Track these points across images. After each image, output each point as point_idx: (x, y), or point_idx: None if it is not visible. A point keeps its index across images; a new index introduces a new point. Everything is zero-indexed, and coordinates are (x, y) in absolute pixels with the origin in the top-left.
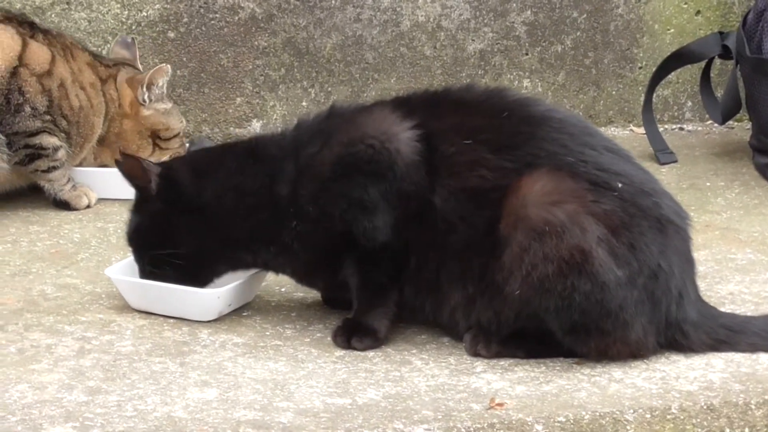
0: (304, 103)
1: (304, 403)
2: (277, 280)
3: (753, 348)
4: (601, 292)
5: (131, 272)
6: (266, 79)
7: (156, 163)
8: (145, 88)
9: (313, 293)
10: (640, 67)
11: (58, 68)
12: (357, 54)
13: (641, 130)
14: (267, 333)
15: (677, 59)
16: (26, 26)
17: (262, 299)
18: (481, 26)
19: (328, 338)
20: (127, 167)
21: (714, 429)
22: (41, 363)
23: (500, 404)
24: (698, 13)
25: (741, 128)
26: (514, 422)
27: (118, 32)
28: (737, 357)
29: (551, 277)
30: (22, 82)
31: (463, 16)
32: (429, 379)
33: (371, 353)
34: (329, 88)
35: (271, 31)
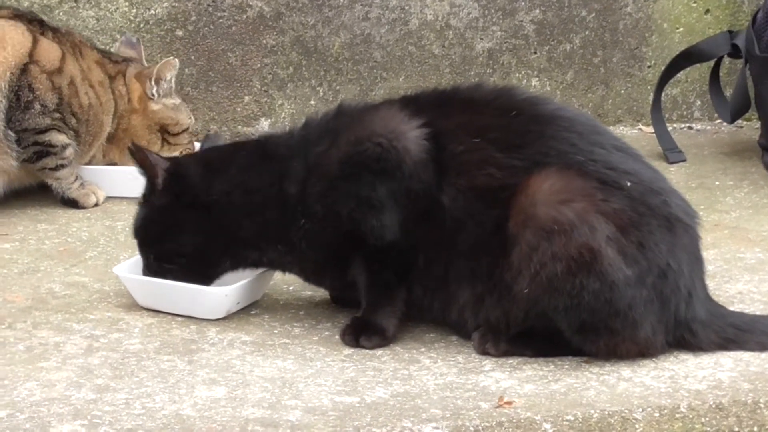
0: (312, 102)
1: (312, 401)
2: (285, 279)
3: (762, 347)
4: (610, 291)
5: (139, 270)
6: (274, 78)
7: (165, 158)
8: (153, 82)
9: (321, 292)
10: (649, 66)
11: (68, 66)
12: (365, 52)
13: (650, 129)
14: (275, 331)
15: (686, 58)
16: (36, 24)
17: (270, 297)
18: (490, 25)
19: (337, 337)
20: (137, 158)
21: (723, 428)
22: (49, 361)
23: (509, 403)
24: (707, 11)
25: (750, 127)
26: (522, 421)
27: (126, 30)
28: (746, 356)
29: (560, 276)
30: (32, 79)
31: (471, 15)
32: (437, 378)
33: (379, 352)
34: (337, 87)
35: (280, 29)
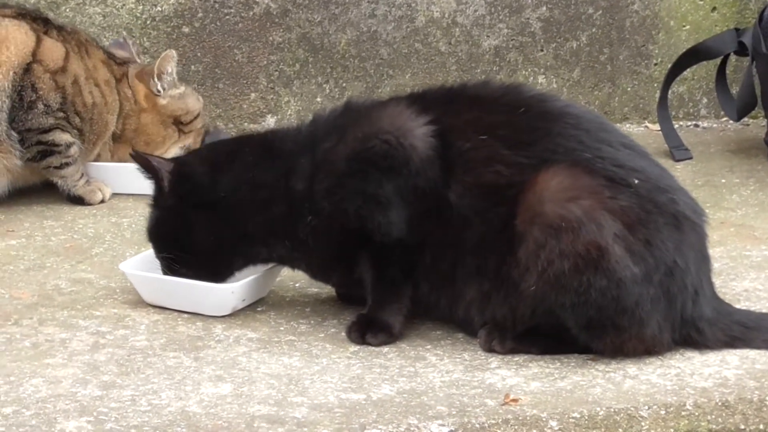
0: (318, 99)
1: (318, 398)
2: (292, 276)
3: None
4: (617, 289)
5: (145, 267)
6: (281, 75)
7: (169, 159)
8: (156, 78)
9: (328, 288)
10: (656, 64)
11: (72, 65)
12: (372, 50)
13: (656, 126)
14: (281, 328)
15: (693, 56)
16: (40, 22)
17: (276, 294)
18: (496, 22)
19: (343, 334)
20: (140, 163)
21: (728, 426)
22: (55, 357)
23: (515, 400)
24: (714, 9)
25: (756, 125)
26: (528, 418)
27: (133, 27)
28: (752, 354)
29: (567, 274)
30: (35, 78)
31: (478, 12)
32: (443, 375)
33: (386, 349)
34: (344, 84)
35: (286, 26)
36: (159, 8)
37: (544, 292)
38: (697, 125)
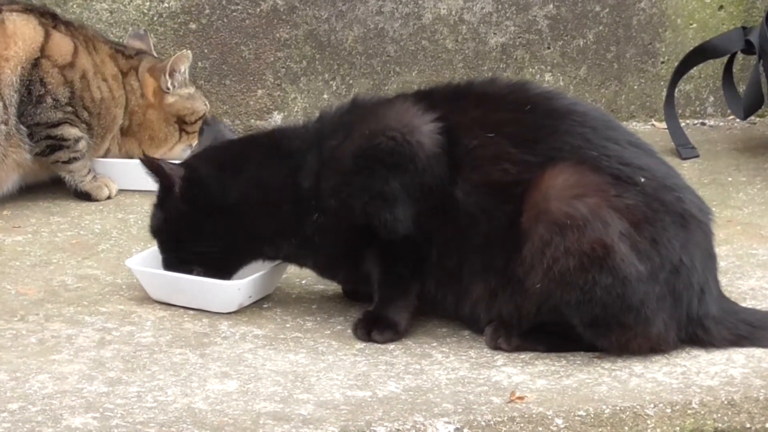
0: (325, 96)
1: (324, 395)
2: (298, 273)
3: None
4: (622, 287)
5: (152, 263)
6: (288, 72)
7: (178, 164)
8: (167, 76)
9: (334, 286)
10: (663, 62)
11: (80, 60)
12: (379, 47)
13: (663, 125)
14: (287, 325)
15: (700, 54)
16: (49, 17)
17: (282, 291)
18: (503, 20)
19: (349, 331)
20: (150, 169)
21: (734, 424)
22: (62, 353)
23: (521, 398)
24: (721, 8)
25: (763, 123)
26: (534, 416)
27: (140, 23)
28: (758, 352)
29: (572, 271)
30: (43, 73)
31: (485, 10)
32: (449, 372)
33: (391, 346)
34: (351, 81)
35: (293, 23)
36: (166, 4)
37: (550, 289)
38: (703, 123)
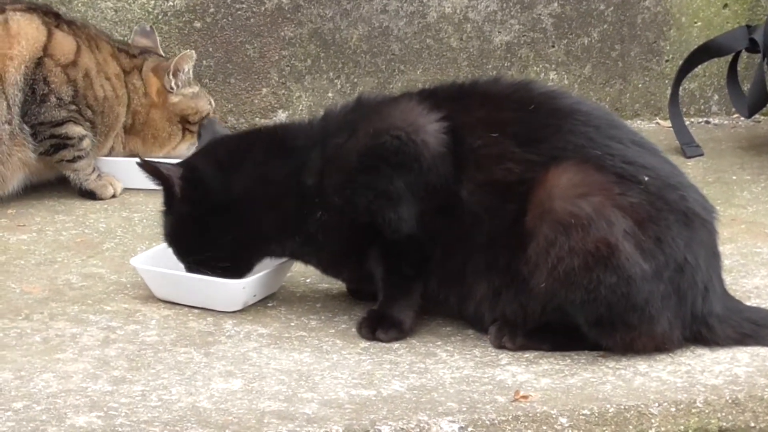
0: (329, 94)
1: (328, 394)
2: (302, 271)
3: None
4: (627, 286)
5: (156, 262)
6: (292, 70)
7: (176, 164)
8: (171, 75)
9: (338, 284)
10: (667, 60)
11: (83, 58)
12: (383, 45)
13: (667, 123)
14: (292, 324)
15: (704, 52)
16: (51, 16)
17: (287, 290)
18: (508, 18)
19: (353, 329)
20: (148, 172)
21: (739, 423)
22: (66, 352)
23: (525, 397)
24: (725, 6)
25: (767, 122)
26: (538, 415)
27: (145, 22)
28: (762, 351)
29: (577, 271)
30: (47, 72)
31: (489, 8)
32: (454, 371)
33: (396, 345)
34: (355, 80)
35: (298, 21)
36: (171, 3)
37: (554, 289)
38: (708, 122)
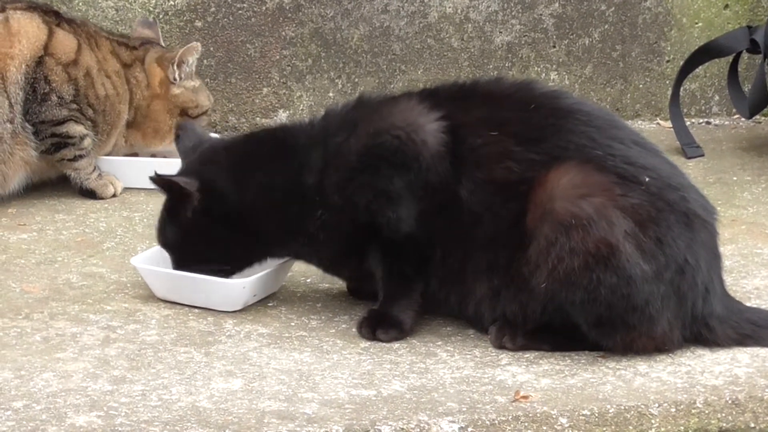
0: (330, 94)
1: (328, 394)
2: (303, 271)
3: None
4: (627, 287)
5: (157, 262)
6: (293, 70)
7: (190, 176)
8: (175, 66)
9: (339, 284)
10: (668, 61)
11: (84, 57)
12: (384, 45)
13: (668, 123)
14: (292, 324)
15: (705, 53)
16: (51, 15)
17: (287, 290)
18: (509, 18)
19: (354, 329)
20: (164, 187)
21: (739, 424)
22: (66, 352)
23: (525, 397)
24: (726, 6)
25: None
26: (538, 415)
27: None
28: (763, 352)
29: (577, 271)
30: (47, 71)
31: (491, 8)
32: (454, 371)
33: (396, 345)
34: (356, 79)
35: (299, 21)
36: (172, 2)
37: (554, 289)
38: (708, 122)
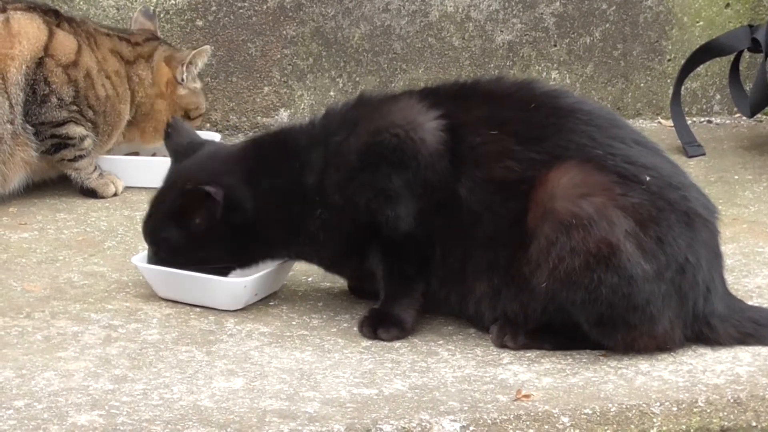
0: (331, 93)
1: (330, 393)
2: (304, 270)
3: None
4: (628, 286)
5: None
6: (294, 69)
7: (211, 185)
8: (185, 68)
9: (340, 283)
10: (669, 60)
11: (84, 58)
12: (385, 44)
13: (669, 122)
14: (293, 323)
15: (706, 52)
16: (52, 15)
17: (288, 289)
18: (510, 17)
19: (355, 328)
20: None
21: (740, 422)
22: (67, 351)
23: (527, 396)
24: (728, 5)
25: None
26: (540, 414)
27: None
28: (764, 351)
29: (578, 271)
30: (47, 72)
31: (492, 7)
32: (455, 370)
33: (397, 344)
34: (357, 78)
35: (300, 20)
36: (173, 1)
37: (555, 288)
38: (710, 121)
